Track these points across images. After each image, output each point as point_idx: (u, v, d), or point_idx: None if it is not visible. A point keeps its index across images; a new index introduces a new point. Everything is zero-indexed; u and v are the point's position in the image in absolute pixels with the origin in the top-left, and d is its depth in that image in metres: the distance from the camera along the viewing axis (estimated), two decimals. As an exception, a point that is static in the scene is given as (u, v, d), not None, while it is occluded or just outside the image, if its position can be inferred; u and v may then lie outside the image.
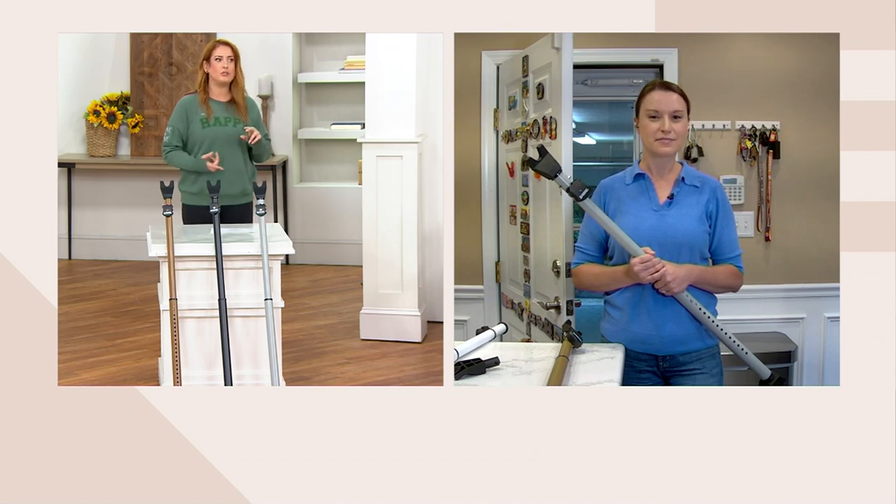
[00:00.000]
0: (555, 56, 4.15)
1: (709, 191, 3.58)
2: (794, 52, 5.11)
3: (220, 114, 5.29)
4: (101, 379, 5.19)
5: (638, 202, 3.61)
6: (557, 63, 4.12)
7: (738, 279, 3.62)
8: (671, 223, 3.56)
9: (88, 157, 7.82)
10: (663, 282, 3.47)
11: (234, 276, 4.62)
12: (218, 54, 5.24)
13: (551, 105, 4.25)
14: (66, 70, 7.64)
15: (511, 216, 4.97)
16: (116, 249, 7.89)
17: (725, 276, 3.60)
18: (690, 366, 3.62)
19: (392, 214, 5.81)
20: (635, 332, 3.61)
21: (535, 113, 4.52)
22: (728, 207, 3.60)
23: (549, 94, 4.29)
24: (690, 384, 3.60)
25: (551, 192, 4.24)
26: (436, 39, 5.81)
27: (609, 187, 3.69)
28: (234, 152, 5.31)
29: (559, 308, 4.14)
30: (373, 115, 5.85)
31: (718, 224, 3.58)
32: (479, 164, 5.32)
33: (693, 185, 3.59)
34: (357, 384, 5.16)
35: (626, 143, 6.03)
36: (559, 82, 4.10)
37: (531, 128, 4.51)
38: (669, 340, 3.58)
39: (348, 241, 7.56)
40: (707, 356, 3.63)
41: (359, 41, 7.47)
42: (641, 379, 3.64)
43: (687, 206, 3.57)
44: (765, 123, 5.12)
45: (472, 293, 5.35)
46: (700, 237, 3.56)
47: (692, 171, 3.65)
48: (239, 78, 5.28)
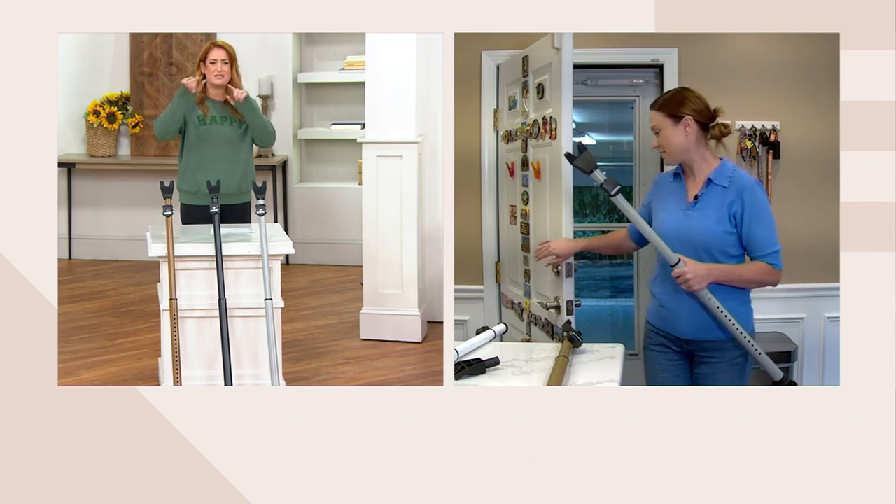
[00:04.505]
0: (555, 56, 4.16)
1: (735, 191, 3.63)
2: (794, 52, 5.11)
3: (216, 113, 5.30)
4: (101, 379, 5.19)
5: (672, 200, 3.76)
6: (557, 63, 4.13)
7: (771, 276, 3.66)
8: (692, 223, 3.66)
9: (88, 157, 7.82)
10: (683, 279, 3.60)
11: (234, 276, 4.62)
12: (213, 57, 5.26)
13: (551, 105, 4.26)
14: (66, 70, 7.64)
15: (511, 216, 4.97)
16: (116, 249, 7.89)
17: (754, 274, 3.66)
18: (711, 353, 3.70)
19: (392, 214, 5.81)
20: (664, 313, 3.78)
21: (534, 113, 4.52)
22: (758, 206, 3.63)
23: (549, 94, 4.31)
24: (709, 371, 3.71)
25: (551, 192, 4.24)
26: (436, 39, 5.80)
27: (658, 182, 3.90)
28: (230, 151, 5.31)
29: (559, 308, 4.14)
30: (373, 115, 5.85)
31: (745, 223, 3.63)
32: (479, 164, 5.32)
33: (721, 186, 3.66)
34: (357, 384, 5.16)
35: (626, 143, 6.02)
36: (559, 82, 4.12)
37: (531, 128, 4.51)
38: (692, 326, 3.70)
39: (348, 241, 7.56)
40: (730, 347, 3.69)
41: (359, 41, 7.47)
42: (667, 355, 3.79)
43: (710, 207, 3.65)
44: (765, 123, 5.12)
45: (472, 293, 5.35)
46: (719, 238, 3.63)
47: (725, 171, 3.69)
48: (235, 80, 5.29)
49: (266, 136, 5.37)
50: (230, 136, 5.30)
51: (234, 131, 5.30)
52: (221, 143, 5.29)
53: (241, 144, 5.33)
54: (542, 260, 4.11)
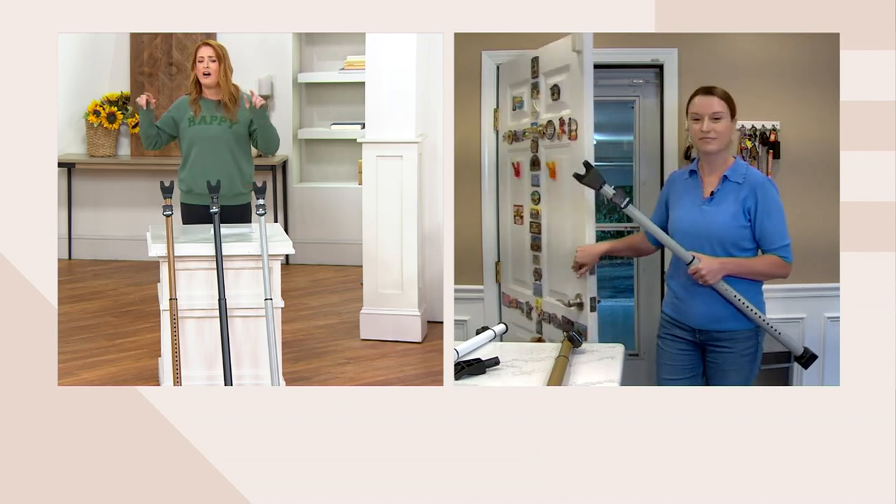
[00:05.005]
0: (574, 58, 4.21)
1: (748, 188, 3.80)
2: (794, 52, 5.11)
3: (207, 113, 5.30)
4: (101, 379, 5.19)
5: (688, 196, 3.92)
6: (577, 65, 4.19)
7: (782, 268, 3.83)
8: (708, 219, 3.83)
9: (88, 157, 7.82)
10: (699, 275, 3.77)
11: (234, 276, 4.62)
12: (200, 55, 5.29)
13: (570, 106, 4.32)
14: (66, 70, 7.64)
15: (517, 216, 4.97)
16: (116, 249, 7.88)
17: (765, 266, 3.83)
18: (722, 343, 3.86)
19: (392, 214, 5.81)
20: (679, 305, 3.94)
21: (547, 114, 4.55)
22: (770, 202, 3.79)
23: (566, 96, 4.37)
24: (720, 360, 3.87)
25: (572, 192, 4.28)
26: (436, 39, 5.80)
27: (672, 179, 4.07)
28: (221, 152, 5.30)
29: (581, 305, 4.22)
30: (373, 115, 5.85)
31: (758, 218, 3.79)
32: (479, 164, 5.32)
33: (736, 182, 3.82)
34: (357, 384, 5.16)
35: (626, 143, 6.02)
36: (580, 84, 4.18)
37: (545, 128, 4.55)
38: (704, 317, 3.86)
39: (348, 241, 7.56)
40: (742, 338, 3.85)
41: (359, 41, 7.47)
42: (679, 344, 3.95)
43: (725, 203, 3.81)
44: (765, 123, 5.12)
45: (472, 293, 5.35)
46: (733, 232, 3.80)
47: (740, 169, 3.86)
48: (221, 80, 5.28)
49: (272, 145, 5.36)
50: (220, 136, 5.29)
51: (225, 131, 5.29)
52: (210, 143, 5.29)
53: (233, 145, 5.31)
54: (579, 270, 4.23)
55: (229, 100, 5.31)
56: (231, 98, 5.31)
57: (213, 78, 5.28)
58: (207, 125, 5.30)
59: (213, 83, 5.30)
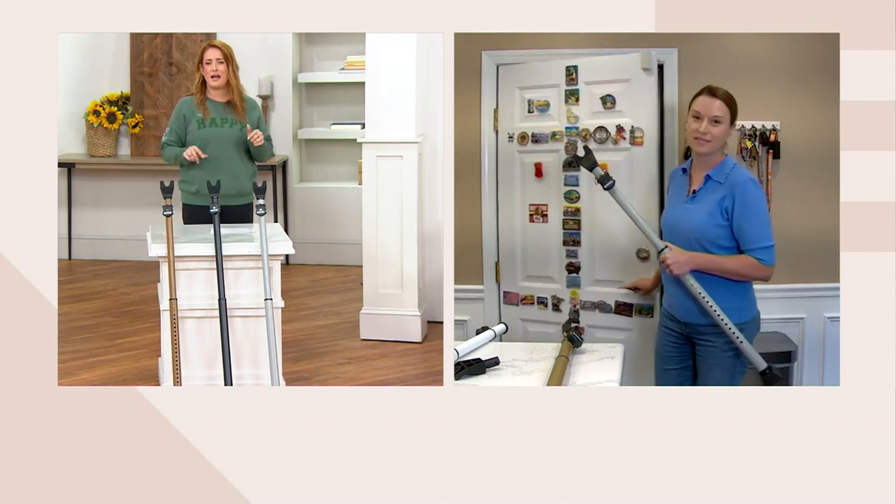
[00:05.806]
0: (642, 76, 4.61)
1: (728, 187, 3.81)
2: (794, 52, 5.11)
3: (216, 115, 5.30)
4: (101, 379, 5.19)
5: (676, 194, 4.01)
6: (646, 83, 4.67)
7: (758, 270, 3.81)
8: (687, 216, 3.89)
9: (88, 157, 7.82)
10: (665, 264, 3.85)
11: (234, 276, 4.63)
12: (207, 57, 5.28)
13: (628, 115, 4.71)
14: (66, 70, 7.64)
15: (537, 214, 5.02)
16: (116, 249, 7.88)
17: (737, 266, 3.81)
18: (706, 337, 3.89)
19: (392, 214, 5.81)
20: (668, 297, 4.05)
21: (593, 119, 4.81)
22: (748, 203, 3.80)
23: (624, 105, 4.73)
24: (704, 354, 3.91)
25: (627, 190, 4.49)
26: (436, 39, 5.80)
27: (671, 176, 4.17)
28: (231, 153, 5.31)
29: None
30: (373, 115, 5.85)
31: (735, 218, 3.79)
32: (479, 164, 5.32)
33: (717, 182, 3.85)
34: (357, 384, 5.16)
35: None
36: (650, 100, 4.69)
37: (592, 133, 4.79)
38: (685, 310, 3.93)
39: (348, 241, 7.56)
40: (723, 333, 3.84)
41: (359, 41, 7.47)
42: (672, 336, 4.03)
43: (705, 202, 3.85)
44: (765, 123, 5.11)
45: (472, 293, 5.34)
46: (709, 230, 3.82)
47: (725, 168, 3.88)
48: (231, 80, 5.29)
49: (264, 158, 5.44)
50: (231, 138, 5.30)
51: (235, 133, 5.31)
52: (222, 145, 5.29)
53: (241, 146, 5.33)
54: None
55: (239, 100, 5.31)
56: (240, 98, 5.32)
57: (223, 80, 5.28)
58: (219, 127, 5.30)
59: (223, 84, 5.30)
